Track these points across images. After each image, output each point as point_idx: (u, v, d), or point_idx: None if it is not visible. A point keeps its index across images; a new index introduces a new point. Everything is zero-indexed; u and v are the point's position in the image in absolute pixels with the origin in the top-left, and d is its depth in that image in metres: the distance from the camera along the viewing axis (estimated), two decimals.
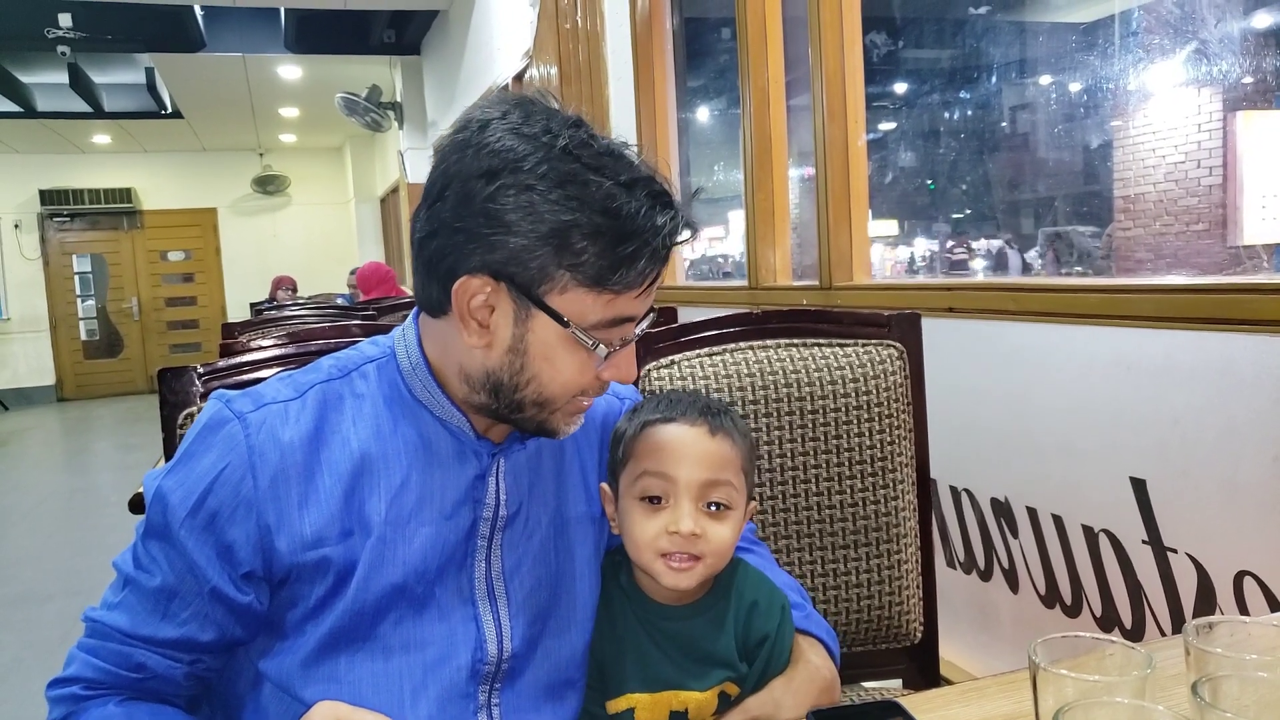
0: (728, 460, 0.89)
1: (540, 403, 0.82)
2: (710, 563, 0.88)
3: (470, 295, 0.78)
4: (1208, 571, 1.55)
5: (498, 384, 0.81)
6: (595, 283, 0.76)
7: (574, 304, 0.77)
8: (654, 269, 0.77)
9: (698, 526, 0.86)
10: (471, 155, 0.76)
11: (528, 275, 0.76)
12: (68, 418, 9.83)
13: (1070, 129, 5.80)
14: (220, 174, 11.46)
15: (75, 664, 0.83)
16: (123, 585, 0.83)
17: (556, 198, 0.74)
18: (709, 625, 0.91)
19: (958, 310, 2.10)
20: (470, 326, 0.79)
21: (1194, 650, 0.63)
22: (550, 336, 0.78)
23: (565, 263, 0.75)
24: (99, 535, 4.68)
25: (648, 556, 0.88)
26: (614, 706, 0.91)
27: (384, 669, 0.82)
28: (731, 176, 5.09)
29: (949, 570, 2.17)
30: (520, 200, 0.74)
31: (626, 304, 0.79)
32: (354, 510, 0.81)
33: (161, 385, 1.12)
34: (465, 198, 0.76)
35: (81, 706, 0.82)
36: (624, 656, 0.91)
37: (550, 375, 0.80)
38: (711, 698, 0.90)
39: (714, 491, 0.88)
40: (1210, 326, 1.52)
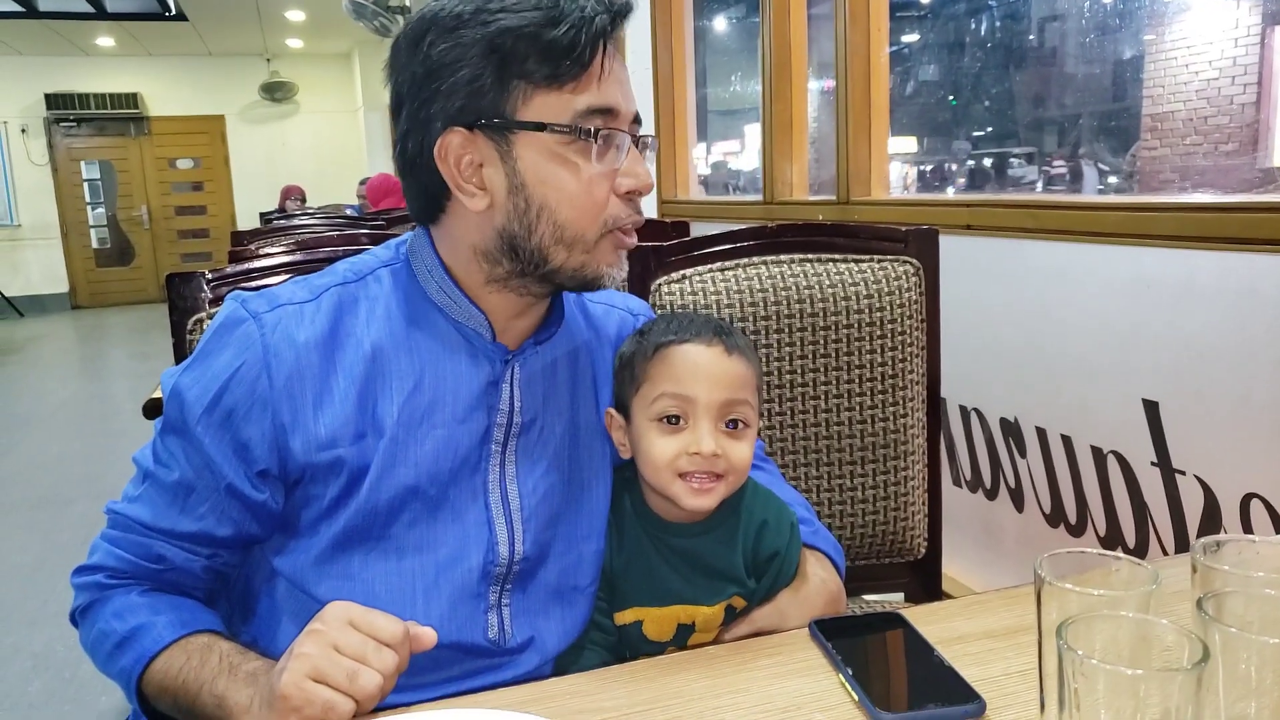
0: (744, 379, 0.89)
1: (562, 239, 0.80)
2: (731, 481, 0.88)
3: (454, 157, 0.79)
4: (1215, 493, 1.56)
5: (513, 238, 0.81)
6: (550, 79, 0.77)
7: (542, 110, 0.78)
8: (597, 46, 0.77)
9: (718, 446, 0.86)
10: (402, 45, 0.81)
11: (488, 102, 0.77)
12: (82, 325, 9.90)
13: (1101, 42, 5.61)
14: (227, 80, 11.26)
15: (99, 553, 0.85)
16: (142, 479, 0.85)
17: (479, 20, 0.76)
18: (718, 543, 0.91)
19: (976, 227, 2.06)
20: (468, 190, 0.80)
21: (1201, 567, 0.63)
22: (538, 154, 0.79)
23: (514, 71, 0.77)
24: (116, 439, 4.76)
25: (666, 478, 0.87)
26: (622, 618, 0.93)
27: (397, 568, 0.83)
28: (749, 89, 4.97)
29: (955, 489, 2.19)
30: (450, 40, 0.77)
31: (594, 93, 0.78)
32: (367, 412, 0.82)
33: (170, 291, 1.11)
34: (410, 81, 0.80)
35: (105, 595, 0.84)
36: (631, 571, 0.92)
37: (556, 197, 0.79)
38: (719, 611, 0.92)
39: (733, 410, 0.88)
40: (1233, 246, 1.49)
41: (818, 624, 0.84)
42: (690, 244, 1.31)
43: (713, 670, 0.79)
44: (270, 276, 1.12)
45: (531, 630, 0.89)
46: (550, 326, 0.90)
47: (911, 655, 0.80)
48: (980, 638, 0.81)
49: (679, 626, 0.91)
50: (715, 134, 5.64)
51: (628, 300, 1.04)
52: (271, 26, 9.85)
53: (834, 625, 0.84)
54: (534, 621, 0.89)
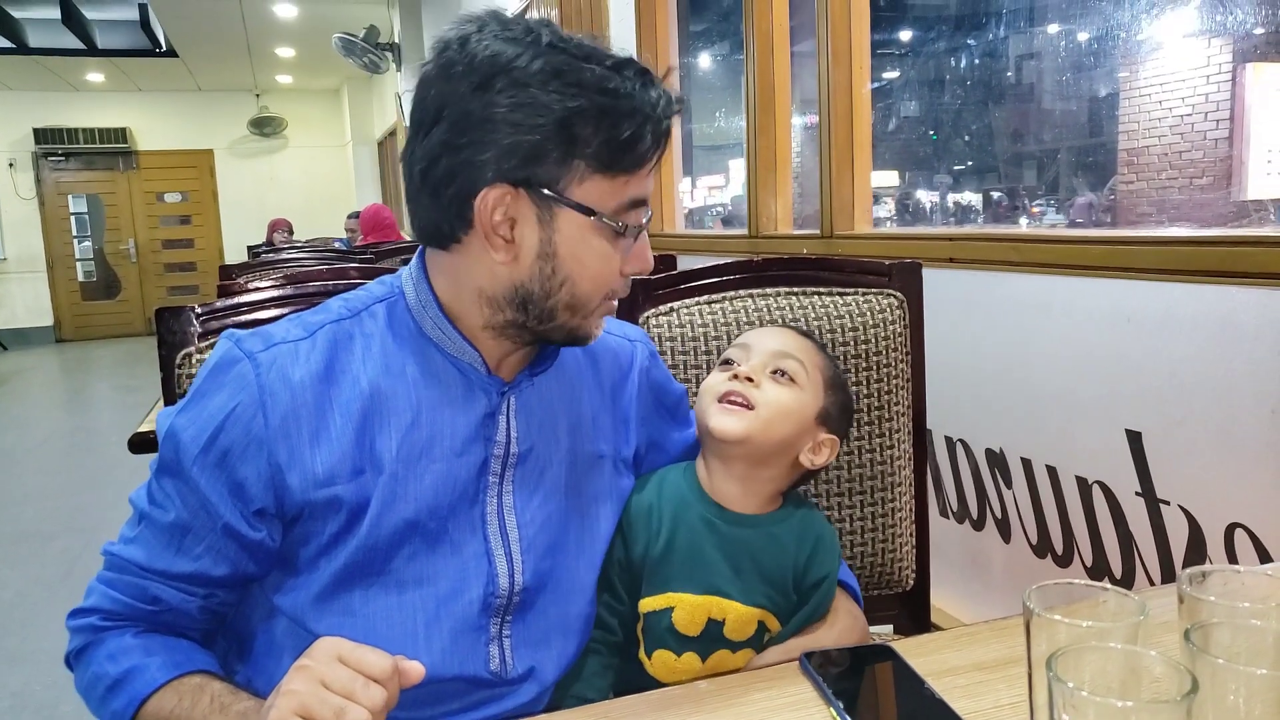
0: (805, 349, 0.95)
1: (573, 305, 0.83)
2: (762, 416, 0.91)
3: (492, 209, 0.79)
4: (1199, 523, 1.56)
5: (528, 296, 0.82)
6: (608, 167, 0.78)
7: (593, 193, 0.79)
8: (656, 144, 0.80)
9: (756, 376, 0.92)
10: (461, 72, 0.76)
11: (546, 173, 0.78)
12: (66, 358, 9.83)
13: (1077, 79, 5.71)
14: (216, 115, 11.31)
15: (94, 595, 0.85)
16: (138, 520, 0.84)
17: (555, 88, 0.75)
18: (771, 540, 0.93)
19: (959, 260, 2.08)
20: (496, 243, 0.80)
21: (1188, 598, 0.64)
22: (576, 232, 0.80)
23: (578, 152, 0.77)
24: (100, 474, 4.71)
25: (706, 400, 0.93)
26: (651, 604, 0.92)
27: (397, 602, 0.83)
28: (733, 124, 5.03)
29: (942, 519, 2.19)
30: (522, 98, 0.75)
31: (638, 185, 0.81)
32: (365, 448, 0.82)
33: (159, 325, 1.11)
34: (464, 115, 0.76)
35: (99, 637, 0.84)
36: (673, 553, 0.92)
37: (580, 273, 0.82)
38: (751, 617, 0.91)
39: (782, 360, 0.93)
40: (1211, 279, 1.51)
41: (808, 657, 0.84)
42: (677, 277, 1.32)
43: (704, 705, 0.79)
44: (259, 311, 1.12)
45: (532, 660, 0.89)
46: (545, 360, 0.91)
47: (902, 688, 0.80)
48: (970, 670, 0.81)
49: (709, 621, 0.91)
50: (700, 169, 5.70)
51: (625, 328, 1.05)
52: (261, 63, 9.92)
53: (824, 658, 0.84)
54: (534, 652, 0.89)
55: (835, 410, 0.96)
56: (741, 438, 0.90)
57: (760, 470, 0.93)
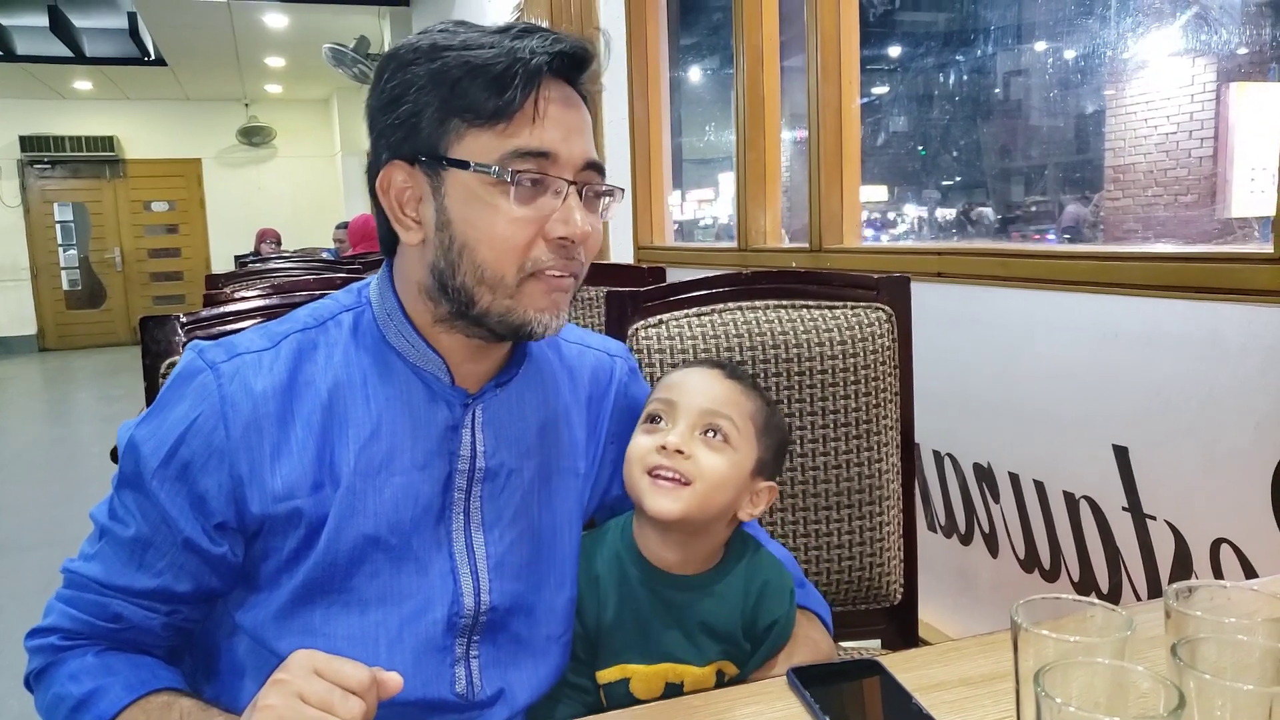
0: (734, 400, 0.89)
1: (484, 279, 0.79)
2: (700, 491, 0.85)
3: (394, 190, 0.80)
4: (1185, 539, 1.57)
5: (441, 275, 0.80)
6: (483, 117, 0.77)
7: (473, 147, 0.78)
8: (531, 88, 0.77)
9: (686, 446, 0.86)
10: (371, 82, 0.83)
11: (426, 137, 0.78)
12: (49, 368, 9.74)
13: (1064, 96, 5.77)
14: (205, 124, 11.27)
15: (53, 614, 0.82)
16: (99, 536, 0.82)
17: (429, 57, 0.78)
18: (712, 598, 0.90)
19: (947, 275, 2.09)
20: (405, 223, 0.81)
21: (1174, 613, 0.64)
22: (463, 192, 0.78)
23: (453, 107, 0.77)
24: (80, 485, 4.67)
25: (636, 473, 0.87)
26: (606, 676, 0.91)
27: (359, 622, 0.82)
28: (723, 138, 5.04)
29: (930, 533, 2.19)
30: (400, 77, 0.79)
31: (528, 134, 0.77)
32: (325, 461, 0.80)
33: (144, 335, 1.10)
34: (371, 113, 0.82)
35: (60, 657, 0.82)
36: (621, 624, 0.91)
37: (475, 236, 0.78)
38: (708, 674, 0.90)
39: (712, 420, 0.88)
40: (1197, 295, 1.52)
41: (795, 672, 0.83)
42: (666, 289, 1.32)
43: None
44: (244, 320, 1.12)
45: (501, 682, 0.87)
46: (511, 369, 0.89)
47: (889, 703, 0.79)
48: (957, 685, 0.81)
49: (667, 685, 0.90)
50: (690, 182, 5.71)
51: (605, 342, 1.03)
52: (251, 72, 9.90)
53: (812, 673, 0.83)
54: (504, 674, 0.87)
55: (770, 456, 0.92)
56: (679, 518, 0.86)
57: (697, 537, 0.90)
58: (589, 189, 0.82)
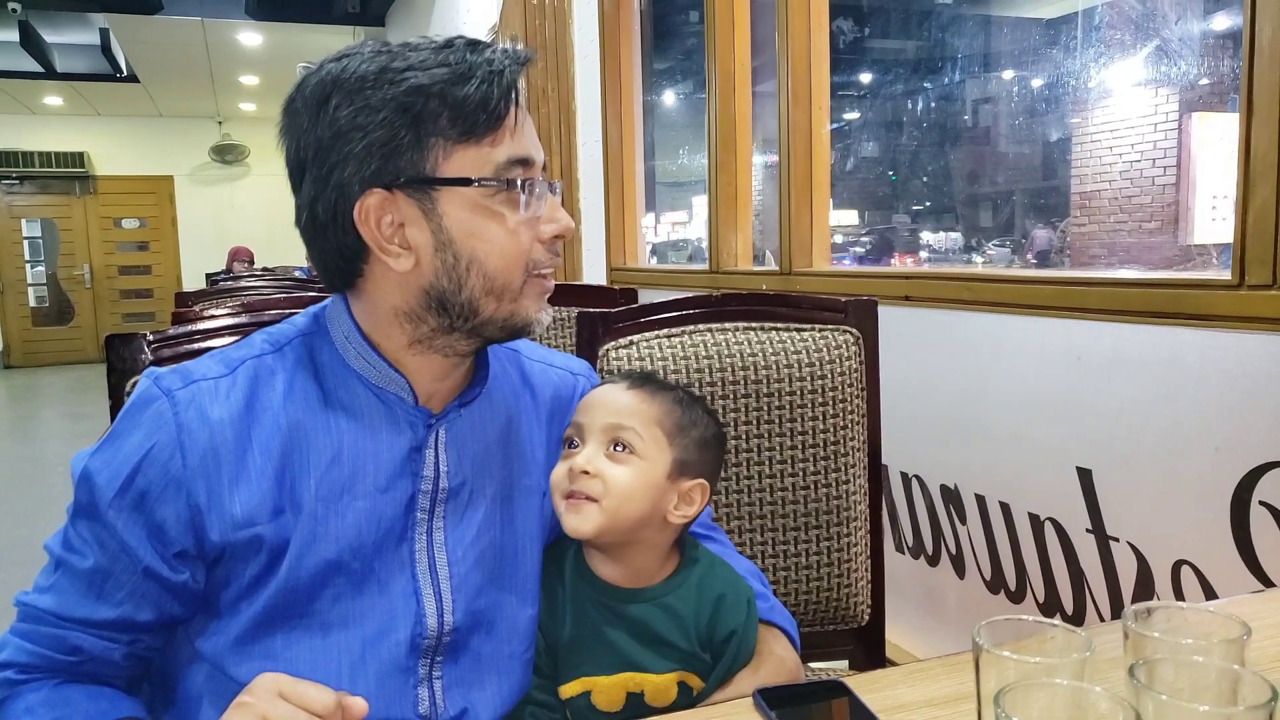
0: (636, 410, 0.90)
1: (492, 289, 0.80)
2: (608, 507, 0.86)
3: (374, 219, 0.78)
4: (1148, 560, 1.59)
5: (441, 295, 0.80)
6: (467, 133, 0.76)
7: (463, 164, 0.77)
8: (506, 100, 0.77)
9: (591, 465, 0.87)
10: (300, 107, 0.78)
11: (408, 163, 0.77)
12: (14, 385, 9.57)
13: (1031, 124, 5.88)
14: (177, 141, 11.18)
15: (8, 649, 0.80)
16: (54, 568, 0.80)
17: (386, 79, 0.76)
18: (665, 611, 0.90)
19: (914, 299, 2.12)
20: (392, 251, 0.79)
21: (1132, 634, 0.65)
22: (463, 209, 0.78)
23: (429, 130, 0.76)
24: (46, 505, 4.57)
25: (556, 499, 0.89)
26: (568, 690, 0.90)
27: (321, 645, 0.81)
28: (695, 161, 5.09)
29: (897, 555, 2.20)
30: (358, 102, 0.76)
31: (510, 144, 0.78)
32: (285, 488, 0.79)
33: (110, 352, 1.09)
34: (315, 145, 0.78)
35: (15, 692, 0.80)
36: (578, 639, 0.90)
37: (485, 249, 0.79)
38: (670, 684, 0.90)
39: (616, 434, 0.89)
40: (1159, 320, 1.55)
41: (761, 693, 0.83)
42: (637, 310, 1.32)
43: None
44: (213, 339, 1.11)
45: (465, 702, 0.86)
46: (474, 387, 0.89)
47: None
48: (923, 706, 0.81)
49: (628, 696, 0.89)
50: (664, 205, 5.75)
51: (568, 360, 1.03)
52: (224, 89, 9.85)
53: (777, 694, 0.83)
54: (468, 694, 0.87)
55: (692, 454, 0.92)
56: (593, 534, 0.87)
57: (632, 548, 0.91)
58: (554, 186, 0.84)
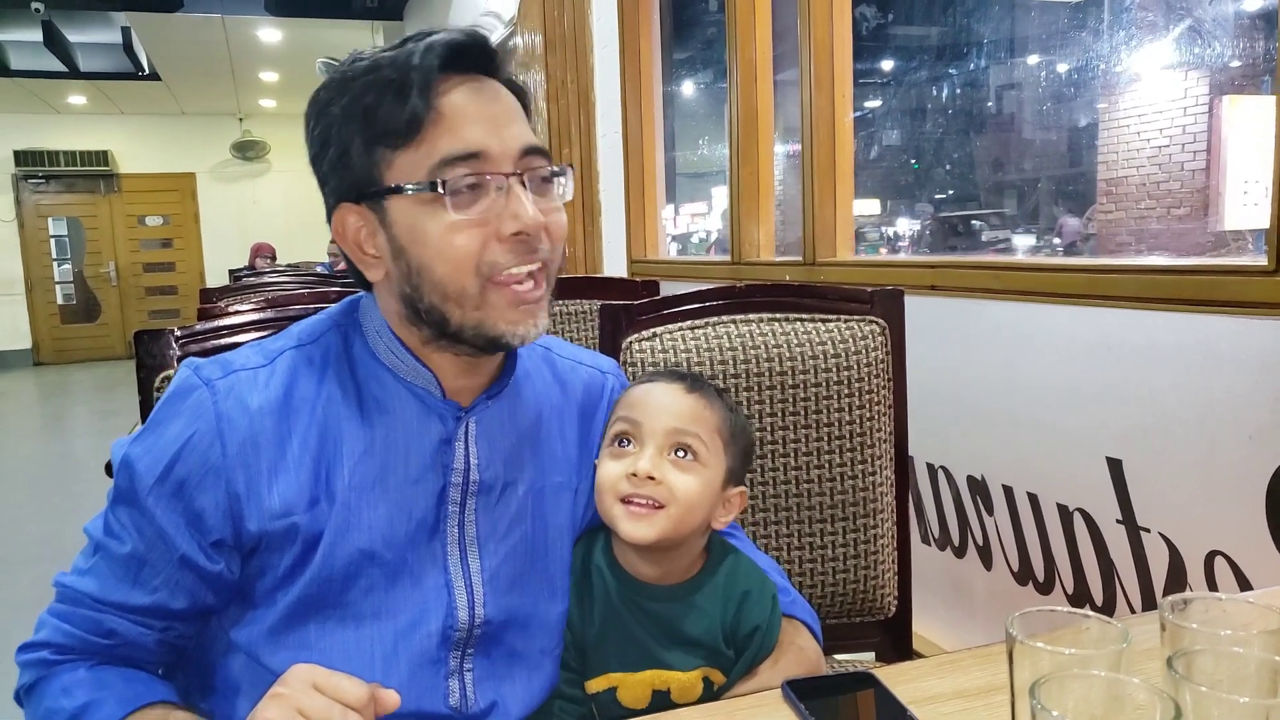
0: (699, 416, 0.88)
1: (448, 295, 0.78)
2: (674, 514, 0.85)
3: (348, 233, 0.81)
4: (1179, 551, 1.57)
5: (411, 302, 0.81)
6: (399, 135, 0.76)
7: (403, 169, 0.77)
8: (424, 96, 0.75)
9: (657, 471, 0.85)
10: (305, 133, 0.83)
11: (360, 173, 0.78)
12: (44, 382, 9.71)
13: (1057, 110, 5.80)
14: (199, 139, 11.28)
15: (45, 629, 0.82)
16: (93, 551, 0.82)
17: (341, 91, 0.78)
18: (693, 609, 0.90)
19: (940, 288, 2.10)
20: (365, 261, 0.82)
21: (1170, 626, 0.64)
22: (406, 216, 0.78)
23: (372, 136, 0.77)
24: (76, 500, 4.64)
25: (608, 501, 0.87)
26: (594, 686, 0.91)
27: (354, 636, 0.82)
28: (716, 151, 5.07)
29: (923, 546, 2.19)
30: (320, 122, 0.80)
31: (448, 139, 0.76)
32: (320, 478, 0.80)
33: (138, 348, 1.10)
34: (312, 163, 0.83)
35: (51, 671, 0.81)
36: (606, 636, 0.90)
37: (428, 255, 0.78)
38: (695, 680, 0.90)
39: (681, 438, 0.87)
40: (1191, 308, 1.53)
41: (790, 684, 0.83)
42: (660, 302, 1.32)
43: None
44: (239, 334, 1.12)
45: (495, 695, 0.87)
46: (503, 380, 0.89)
47: (884, 716, 0.79)
48: (953, 698, 0.81)
49: (654, 693, 0.89)
50: (684, 196, 5.73)
51: (597, 358, 1.03)
52: (245, 87, 9.92)
53: (807, 686, 0.83)
54: (498, 687, 0.87)
55: (739, 462, 0.91)
56: (656, 541, 0.86)
57: (674, 551, 0.90)
58: (533, 175, 0.79)
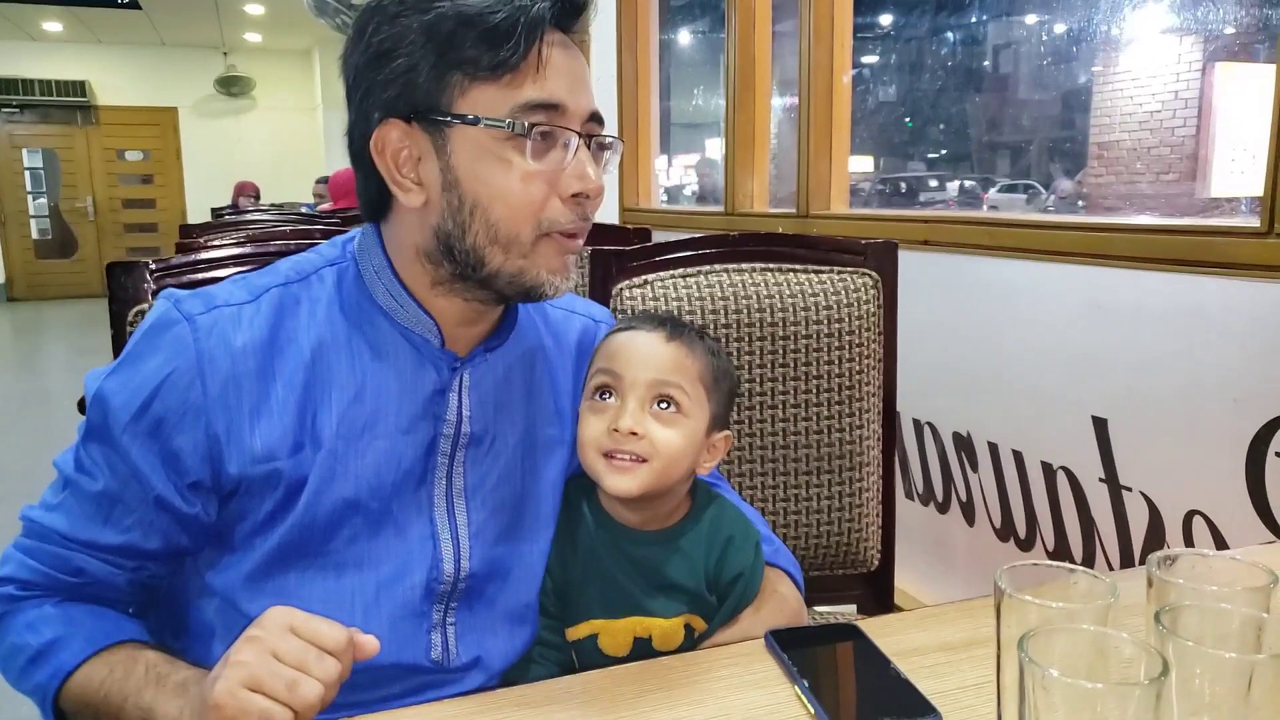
0: (681, 365, 0.86)
1: (497, 239, 0.76)
2: (657, 468, 0.84)
3: (390, 150, 0.76)
4: (1159, 510, 1.58)
5: (448, 237, 0.77)
6: (487, 70, 0.73)
7: (479, 102, 0.74)
8: (535, 36, 0.73)
9: (639, 426, 0.83)
10: (351, 34, 0.78)
11: (425, 93, 0.74)
12: (18, 318, 9.58)
13: (1053, 72, 5.75)
14: (181, 72, 11.02)
15: (10, 564, 0.80)
16: (63, 486, 0.80)
17: (419, 8, 0.74)
18: (677, 554, 0.89)
19: (933, 243, 2.08)
20: (404, 185, 0.77)
21: (1156, 581, 0.64)
22: (471, 148, 0.75)
23: (451, 61, 0.73)
24: (49, 438, 4.61)
25: (591, 456, 0.85)
26: (575, 633, 0.90)
27: (335, 585, 0.80)
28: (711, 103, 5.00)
29: (907, 501, 2.20)
30: (387, 31, 0.75)
31: (534, 86, 0.74)
32: (306, 423, 0.78)
33: (111, 281, 1.07)
34: (355, 71, 0.77)
35: (16, 607, 0.79)
36: (588, 581, 0.90)
37: (489, 194, 0.75)
38: (677, 627, 0.89)
39: (662, 390, 0.85)
40: (1182, 268, 1.52)
41: (774, 635, 0.83)
42: (653, 249, 1.30)
43: (668, 681, 0.78)
44: (217, 269, 1.09)
45: (478, 649, 0.86)
46: (502, 334, 0.87)
47: (867, 668, 0.79)
48: (935, 650, 0.81)
49: (635, 640, 0.89)
50: (678, 147, 5.67)
51: (590, 307, 1.01)
52: (229, 19, 9.67)
53: (790, 636, 0.83)
54: (481, 640, 0.86)
55: (723, 407, 0.90)
56: (641, 493, 0.84)
57: (658, 498, 0.89)
58: (594, 141, 0.79)
